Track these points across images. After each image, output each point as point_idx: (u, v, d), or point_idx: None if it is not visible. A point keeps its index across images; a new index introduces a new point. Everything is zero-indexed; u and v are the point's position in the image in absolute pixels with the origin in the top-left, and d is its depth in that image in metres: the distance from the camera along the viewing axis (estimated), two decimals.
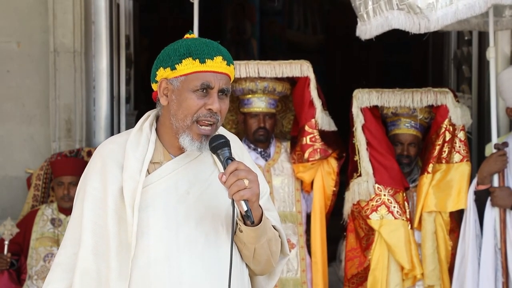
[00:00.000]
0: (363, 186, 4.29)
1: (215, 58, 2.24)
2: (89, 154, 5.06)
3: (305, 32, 10.64)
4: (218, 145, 2.23)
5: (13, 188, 5.25)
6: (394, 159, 4.36)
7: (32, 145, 5.29)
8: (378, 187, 4.31)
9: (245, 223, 2.23)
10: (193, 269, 2.24)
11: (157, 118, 2.37)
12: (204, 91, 2.23)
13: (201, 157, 2.33)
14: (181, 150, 2.31)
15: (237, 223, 2.27)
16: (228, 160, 2.20)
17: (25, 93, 5.28)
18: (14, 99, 5.28)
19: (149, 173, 2.28)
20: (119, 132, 5.66)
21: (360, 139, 4.33)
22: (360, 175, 4.32)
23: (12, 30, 5.26)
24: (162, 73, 2.27)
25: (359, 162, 4.32)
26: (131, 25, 6.23)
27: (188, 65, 2.23)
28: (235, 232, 2.28)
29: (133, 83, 6.37)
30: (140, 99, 7.21)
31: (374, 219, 4.29)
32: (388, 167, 4.34)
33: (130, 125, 5.90)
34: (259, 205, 2.24)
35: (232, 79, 2.33)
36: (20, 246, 4.66)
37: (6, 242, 4.54)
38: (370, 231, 4.34)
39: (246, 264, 2.38)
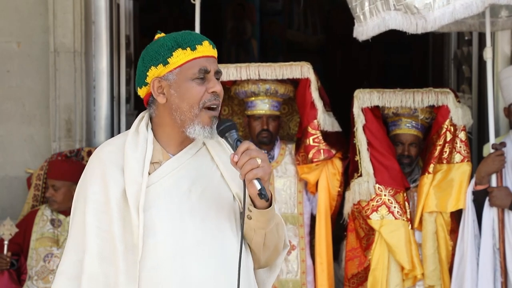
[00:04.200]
0: (363, 186, 4.29)
1: (203, 42, 2.25)
2: (89, 154, 5.06)
3: (305, 32, 10.64)
4: (225, 128, 2.23)
5: (13, 188, 5.25)
6: (395, 159, 4.36)
7: (32, 145, 5.29)
8: (378, 187, 4.31)
9: (255, 206, 2.22)
10: (201, 268, 2.23)
11: (150, 119, 2.36)
12: (202, 77, 2.24)
13: (200, 153, 2.33)
14: (179, 148, 2.31)
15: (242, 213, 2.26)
16: (237, 141, 2.20)
17: (25, 93, 5.28)
18: (14, 99, 5.28)
19: (149, 174, 2.27)
20: (119, 132, 5.66)
21: (361, 139, 4.33)
22: (360, 175, 4.32)
23: (12, 30, 5.26)
24: (153, 72, 2.27)
25: (360, 162, 4.32)
26: (131, 25, 6.23)
27: (180, 56, 2.23)
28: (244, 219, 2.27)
29: (133, 83, 6.36)
30: (140, 99, 7.20)
31: (374, 219, 4.29)
32: (389, 167, 4.34)
33: (130, 125, 5.87)
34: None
35: None
36: (20, 246, 4.66)
37: (6, 242, 4.54)
38: (371, 231, 4.34)
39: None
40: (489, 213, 4.14)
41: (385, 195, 4.32)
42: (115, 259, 2.22)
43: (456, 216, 4.32)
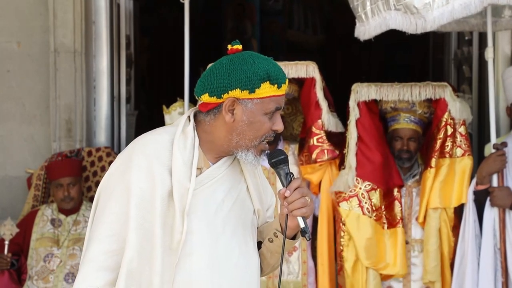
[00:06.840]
0: (343, 178, 4.30)
1: (286, 81, 2.30)
2: (89, 154, 5.05)
3: (305, 32, 10.64)
4: (279, 161, 2.27)
5: (13, 188, 5.26)
6: (382, 157, 4.35)
7: (32, 145, 5.30)
8: (356, 179, 4.32)
9: (283, 233, 2.29)
10: (231, 279, 2.28)
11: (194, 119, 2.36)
12: (273, 111, 2.30)
13: (233, 165, 2.36)
14: (217, 158, 2.33)
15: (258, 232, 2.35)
16: (288, 176, 2.26)
17: (25, 93, 5.28)
18: (14, 99, 5.28)
19: None
20: (119, 132, 5.67)
21: (351, 132, 4.34)
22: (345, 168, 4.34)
23: (12, 30, 5.26)
24: (235, 93, 2.25)
25: (346, 155, 4.34)
26: (131, 25, 6.23)
27: (266, 89, 2.26)
28: (262, 241, 2.38)
29: (133, 83, 6.37)
30: (140, 99, 7.21)
31: (343, 208, 4.31)
32: (374, 163, 4.33)
33: (130, 125, 5.89)
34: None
35: None
36: (20, 246, 4.66)
37: (7, 242, 4.55)
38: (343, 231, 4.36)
39: None
40: (490, 213, 4.14)
41: (360, 188, 4.32)
42: (152, 259, 2.23)
43: (459, 212, 4.33)
